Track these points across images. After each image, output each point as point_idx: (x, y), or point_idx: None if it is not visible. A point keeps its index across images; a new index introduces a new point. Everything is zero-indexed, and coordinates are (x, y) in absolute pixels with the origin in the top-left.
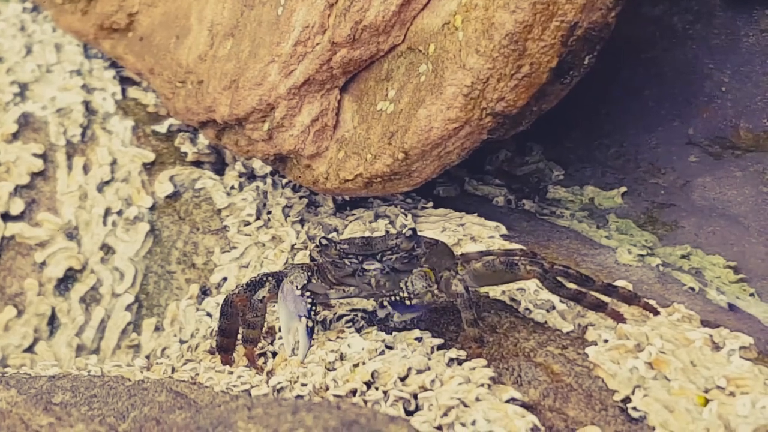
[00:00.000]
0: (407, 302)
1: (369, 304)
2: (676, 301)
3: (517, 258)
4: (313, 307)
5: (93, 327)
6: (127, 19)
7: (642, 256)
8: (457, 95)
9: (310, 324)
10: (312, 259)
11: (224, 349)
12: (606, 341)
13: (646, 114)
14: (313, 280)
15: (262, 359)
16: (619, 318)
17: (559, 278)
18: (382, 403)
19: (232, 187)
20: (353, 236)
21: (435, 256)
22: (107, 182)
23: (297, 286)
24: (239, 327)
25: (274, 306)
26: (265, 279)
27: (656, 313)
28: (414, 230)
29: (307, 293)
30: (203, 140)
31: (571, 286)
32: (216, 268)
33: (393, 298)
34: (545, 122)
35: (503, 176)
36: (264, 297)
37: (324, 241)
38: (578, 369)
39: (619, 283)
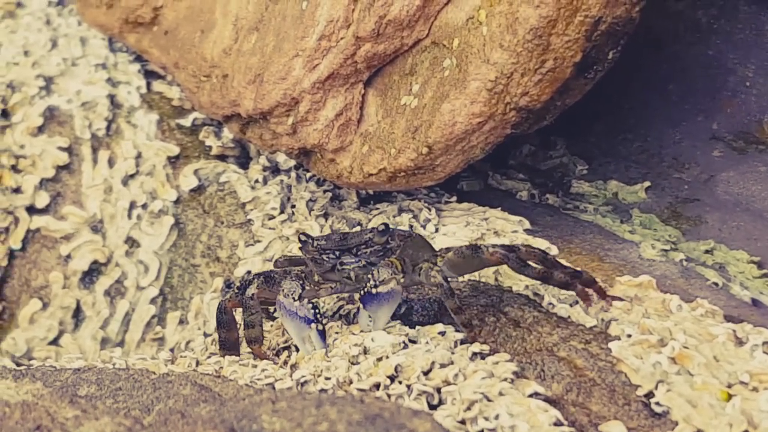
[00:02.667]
0: (373, 291)
1: None
2: (699, 296)
3: (480, 244)
4: (317, 310)
5: (117, 320)
6: (152, 13)
7: (665, 251)
8: (481, 90)
9: (320, 327)
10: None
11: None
12: (629, 336)
13: (670, 108)
14: (307, 286)
15: (285, 353)
16: (586, 298)
17: (533, 260)
18: (405, 397)
19: (257, 181)
20: (331, 233)
21: (410, 248)
22: (132, 176)
23: (294, 297)
24: (239, 334)
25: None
26: (252, 278)
27: (603, 296)
28: (386, 225)
29: (306, 300)
30: (228, 134)
31: (558, 273)
32: (240, 261)
33: (362, 292)
34: (569, 117)
35: (527, 171)
36: (254, 294)
37: (303, 238)
38: (601, 364)
39: (643, 277)
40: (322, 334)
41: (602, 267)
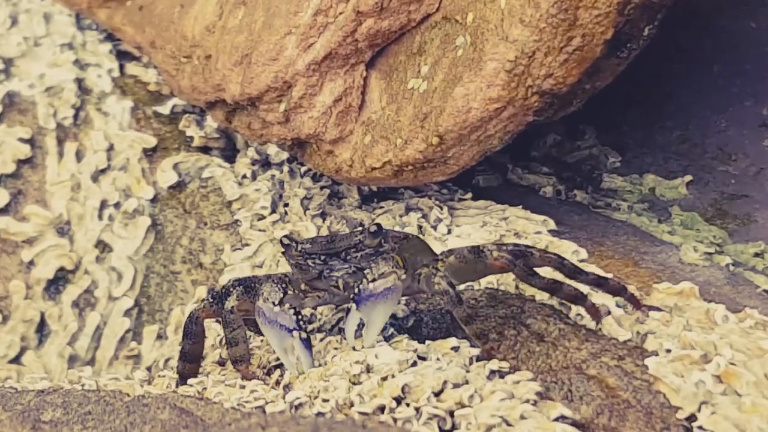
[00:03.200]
0: (370, 286)
1: (398, 309)
2: (748, 306)
3: (483, 246)
4: (301, 317)
5: (87, 335)
6: None
7: (709, 254)
8: (498, 71)
9: (304, 335)
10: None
11: (183, 377)
12: (668, 351)
13: (715, 92)
14: (290, 291)
15: (277, 372)
16: (596, 315)
17: (549, 267)
18: (413, 422)
19: (244, 176)
20: (317, 236)
21: (407, 252)
22: (103, 171)
23: (274, 302)
24: (203, 349)
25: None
26: (231, 287)
27: (638, 306)
28: (379, 225)
29: (287, 306)
30: (211, 123)
31: (558, 276)
32: (226, 268)
33: (356, 289)
34: (599, 102)
35: (552, 163)
36: (233, 306)
37: (285, 241)
38: (637, 383)
39: (683, 284)
40: (307, 344)
41: (637, 273)
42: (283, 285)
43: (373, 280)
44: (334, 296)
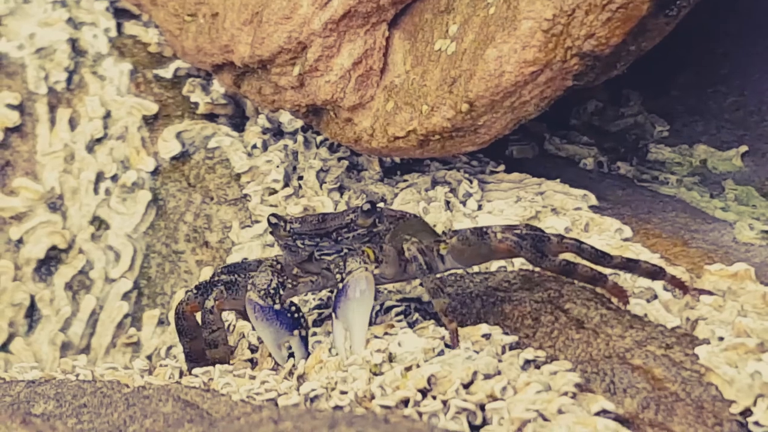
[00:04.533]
0: (339, 287)
1: (423, 292)
2: None
3: (488, 227)
4: (300, 312)
5: (82, 320)
6: None
7: (767, 232)
8: (535, 31)
9: (304, 333)
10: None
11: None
12: (721, 339)
13: None
14: (287, 284)
15: (290, 361)
16: (621, 295)
17: (569, 254)
18: (440, 416)
19: (254, 147)
20: (307, 214)
21: (404, 232)
22: (99, 140)
23: (274, 300)
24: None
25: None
26: (215, 281)
27: (686, 290)
28: (372, 203)
29: (288, 302)
30: (218, 88)
31: (584, 262)
32: (234, 247)
33: (333, 294)
34: (645, 65)
35: (593, 133)
36: (212, 307)
37: (273, 220)
38: (686, 374)
39: (738, 266)
40: (304, 341)
41: (687, 253)
42: (276, 273)
43: (341, 280)
44: (327, 280)
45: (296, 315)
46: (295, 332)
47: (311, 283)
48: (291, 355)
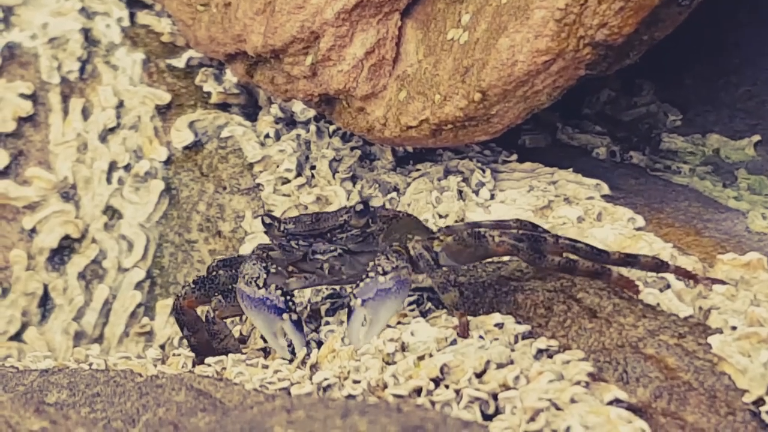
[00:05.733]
0: (381, 280)
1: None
2: None
3: (485, 229)
4: (289, 297)
5: (95, 309)
6: None
7: None
8: (547, 20)
9: (295, 317)
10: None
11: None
12: (734, 328)
13: None
14: (272, 270)
15: (304, 350)
16: (629, 285)
17: (567, 254)
18: (453, 405)
19: (267, 136)
20: (302, 213)
21: (397, 231)
22: (112, 130)
23: (258, 284)
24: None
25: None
26: (212, 276)
27: (695, 280)
28: (365, 203)
29: (273, 286)
30: (231, 77)
31: (584, 261)
32: (247, 236)
33: (359, 284)
34: (658, 55)
35: (606, 122)
36: (213, 317)
37: (267, 220)
38: (699, 363)
39: (751, 255)
40: (298, 325)
41: (700, 242)
42: (264, 264)
43: (384, 273)
44: (322, 279)
45: (283, 299)
46: (285, 316)
47: (304, 280)
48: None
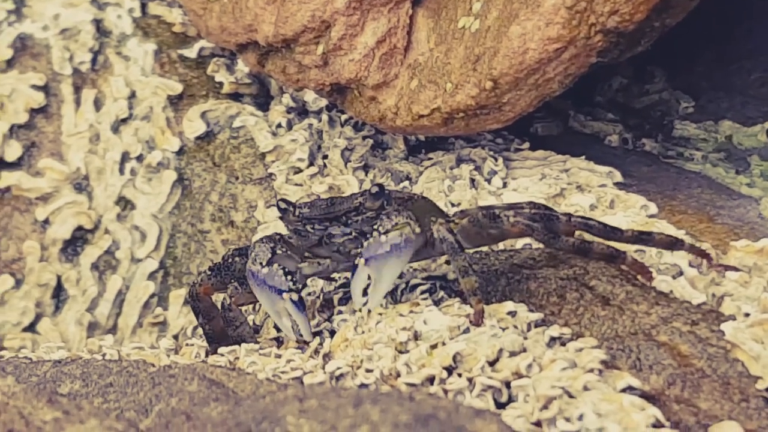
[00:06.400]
0: (382, 239)
1: (449, 270)
2: None
3: (500, 210)
4: (291, 277)
5: (108, 300)
6: None
7: None
8: (558, 8)
9: (295, 297)
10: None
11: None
12: (747, 315)
13: None
14: (278, 251)
15: (316, 339)
16: (643, 271)
17: (580, 233)
18: (466, 393)
19: (279, 126)
20: (316, 199)
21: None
22: (124, 120)
23: (262, 264)
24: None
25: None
26: (228, 263)
27: (709, 259)
28: (381, 186)
29: (276, 265)
30: (242, 67)
31: (598, 239)
32: (260, 226)
33: (365, 244)
34: (670, 41)
35: (618, 109)
36: (230, 304)
37: (282, 205)
38: (712, 350)
39: (764, 242)
40: (300, 305)
41: (713, 229)
42: (272, 245)
43: (386, 232)
44: (337, 263)
45: (285, 278)
46: (285, 296)
47: (318, 266)
48: (298, 332)
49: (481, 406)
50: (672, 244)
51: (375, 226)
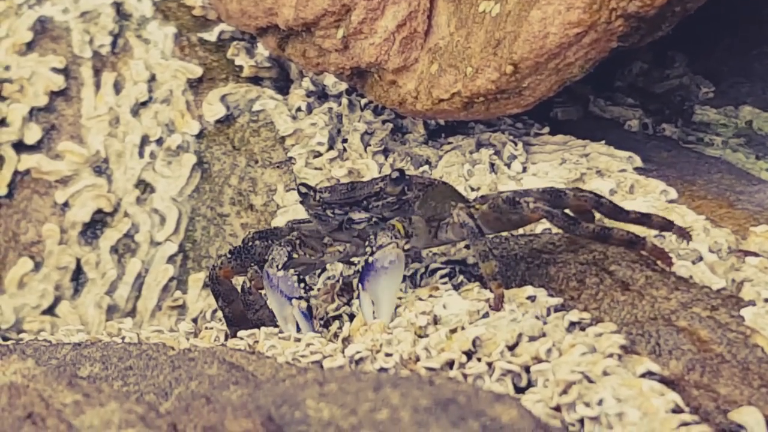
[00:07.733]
0: (370, 260)
1: (468, 254)
2: None
3: (520, 196)
4: (304, 284)
5: (127, 283)
6: None
7: None
8: None
9: (304, 305)
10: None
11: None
12: (767, 300)
13: None
14: (295, 255)
15: (335, 323)
16: (663, 256)
17: (600, 217)
18: (485, 378)
19: (299, 109)
20: (336, 184)
21: (433, 200)
22: (144, 104)
23: (278, 267)
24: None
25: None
26: (248, 246)
27: (687, 238)
28: (401, 171)
29: (291, 270)
30: (262, 51)
31: (618, 224)
32: (279, 210)
33: (360, 266)
34: (691, 26)
35: (638, 94)
36: (250, 287)
37: (303, 190)
38: (732, 335)
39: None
40: (308, 313)
41: (733, 214)
42: (290, 248)
43: (372, 254)
44: (358, 248)
45: (297, 285)
46: (295, 302)
47: (338, 253)
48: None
49: (501, 390)
50: (665, 226)
51: (364, 248)
